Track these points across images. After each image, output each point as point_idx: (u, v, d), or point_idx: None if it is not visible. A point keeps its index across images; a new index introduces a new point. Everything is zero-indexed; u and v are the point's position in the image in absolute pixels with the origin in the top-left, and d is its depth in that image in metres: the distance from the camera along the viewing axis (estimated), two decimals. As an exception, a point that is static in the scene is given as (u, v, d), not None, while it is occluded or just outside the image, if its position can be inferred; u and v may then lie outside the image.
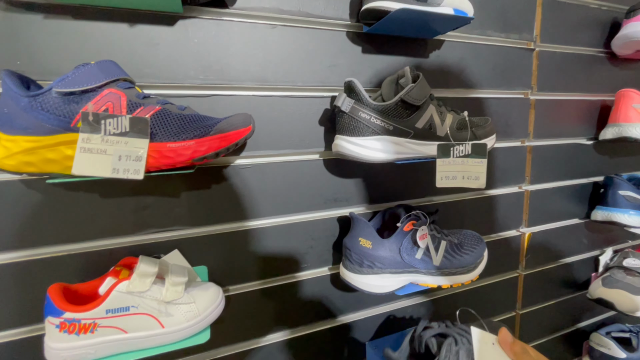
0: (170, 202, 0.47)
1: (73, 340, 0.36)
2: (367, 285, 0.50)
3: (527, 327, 0.81)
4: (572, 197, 0.81)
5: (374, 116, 0.46)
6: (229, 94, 0.48)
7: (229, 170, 0.49)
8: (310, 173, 0.54)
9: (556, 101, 0.74)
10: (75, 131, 0.33)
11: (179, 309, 0.40)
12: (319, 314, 0.59)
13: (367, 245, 0.50)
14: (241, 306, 0.52)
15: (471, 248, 0.55)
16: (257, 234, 0.52)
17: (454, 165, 0.48)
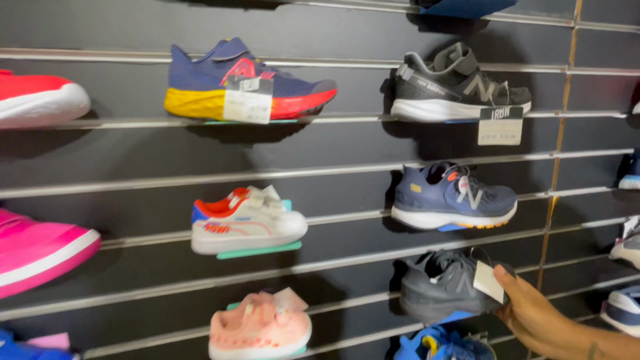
0: (267, 149, 0.61)
1: (214, 237, 0.52)
2: (416, 221, 0.63)
3: (549, 282, 0.92)
4: (602, 166, 0.89)
5: (429, 83, 0.57)
6: (311, 66, 0.61)
7: (309, 127, 0.63)
8: (370, 132, 0.67)
9: (592, 76, 0.81)
10: (223, 88, 0.47)
11: (280, 223, 0.55)
12: (371, 247, 0.73)
13: (417, 190, 0.63)
14: (314, 234, 0.67)
15: (503, 198, 0.66)
16: (328, 179, 0.66)
17: (494, 126, 0.59)
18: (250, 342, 0.57)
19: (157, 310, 0.61)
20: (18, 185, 0.51)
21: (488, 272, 0.69)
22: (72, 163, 0.53)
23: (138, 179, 0.56)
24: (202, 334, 0.64)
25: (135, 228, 0.57)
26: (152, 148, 0.55)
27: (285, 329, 0.59)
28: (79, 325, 0.58)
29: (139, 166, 0.55)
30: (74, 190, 0.53)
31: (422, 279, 0.67)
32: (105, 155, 0.54)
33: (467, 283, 0.68)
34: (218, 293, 0.64)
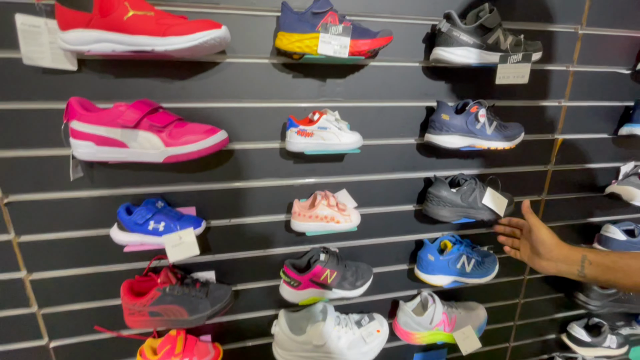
0: (336, 84, 0.84)
1: (302, 139, 0.76)
2: (444, 142, 0.85)
3: (549, 212, 1.12)
4: (605, 116, 1.05)
5: (461, 34, 0.77)
6: (372, 20, 0.81)
7: (367, 68, 0.84)
8: (412, 75, 0.87)
9: (602, 35, 0.96)
10: (318, 32, 0.69)
11: (345, 134, 0.78)
12: (406, 167, 0.95)
13: (446, 118, 0.83)
14: (364, 153, 0.90)
15: (513, 129, 0.86)
16: (378, 110, 0.88)
17: (509, 69, 0.78)
18: (320, 218, 0.82)
19: (254, 197, 0.87)
20: (174, 99, 0.76)
21: (495, 195, 0.91)
22: (208, 86, 0.77)
23: (248, 100, 0.80)
24: (285, 218, 0.90)
25: (244, 136, 0.82)
26: (259, 78, 0.79)
27: (343, 212, 0.84)
28: (203, 202, 0.85)
29: (249, 91, 0.79)
30: (207, 106, 0.78)
31: (444, 187, 0.89)
32: (229, 82, 0.78)
33: (477, 197, 0.90)
34: (294, 190, 0.89)
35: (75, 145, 0.66)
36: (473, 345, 1.00)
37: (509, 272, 1.17)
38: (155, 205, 0.76)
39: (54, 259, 0.80)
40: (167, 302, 0.77)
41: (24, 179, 0.74)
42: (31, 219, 0.77)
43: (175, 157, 0.67)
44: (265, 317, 0.98)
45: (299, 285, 0.85)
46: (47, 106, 0.71)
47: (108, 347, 0.90)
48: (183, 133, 0.69)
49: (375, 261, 1.02)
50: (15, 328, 0.83)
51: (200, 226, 0.79)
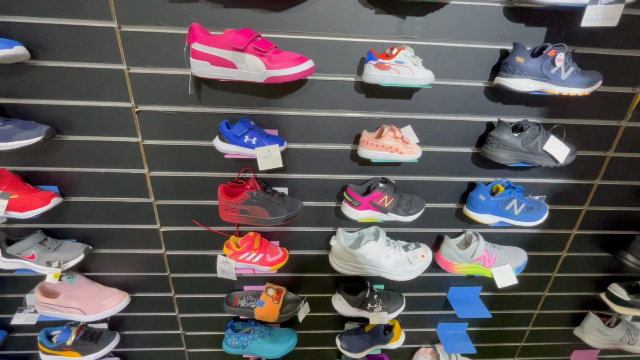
0: (414, 21, 0.88)
1: (380, 72, 0.84)
2: (515, 85, 0.87)
3: (613, 171, 1.10)
4: (701, 72, 0.98)
5: (553, -29, 0.76)
6: (460, -44, 0.82)
7: (447, 7, 0.87)
8: (492, 15, 0.88)
9: None
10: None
11: (420, 70, 0.85)
12: (471, 110, 0.99)
13: (521, 61, 0.85)
14: (433, 92, 0.96)
15: (589, 76, 0.86)
16: (451, 50, 0.92)
17: (598, 10, 0.77)
18: (385, 148, 0.92)
19: (327, 126, 0.99)
20: (270, 28, 0.87)
21: (558, 143, 0.93)
22: (296, 19, 0.86)
23: (332, 34, 0.88)
24: (351, 148, 1.02)
25: (325, 68, 0.92)
26: (344, 13, 0.86)
27: (407, 145, 0.93)
28: (284, 126, 0.98)
29: (334, 24, 0.87)
30: (296, 37, 0.88)
31: (506, 130, 0.94)
32: (316, 15, 0.86)
33: (539, 143, 0.94)
34: (363, 123, 0.99)
35: (195, 64, 0.81)
36: (509, 281, 1.10)
37: (557, 224, 1.20)
38: (249, 123, 0.91)
39: (169, 161, 1.01)
40: (254, 203, 0.95)
41: (151, 93, 0.92)
42: (154, 127, 0.96)
43: (274, 78, 0.80)
44: (325, 232, 1.15)
45: (360, 205, 0.99)
46: (172, 31, 0.85)
47: (204, 238, 1.14)
48: (280, 59, 0.80)
49: (429, 197, 1.11)
50: (136, 213, 1.08)
51: (283, 145, 0.93)
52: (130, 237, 1.12)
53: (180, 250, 1.15)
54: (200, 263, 1.17)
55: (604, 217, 1.20)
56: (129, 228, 1.11)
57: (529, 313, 1.40)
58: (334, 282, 1.25)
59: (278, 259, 1.08)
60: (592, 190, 1.15)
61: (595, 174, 1.12)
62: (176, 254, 1.16)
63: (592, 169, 1.11)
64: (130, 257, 1.16)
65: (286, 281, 1.24)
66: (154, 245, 1.14)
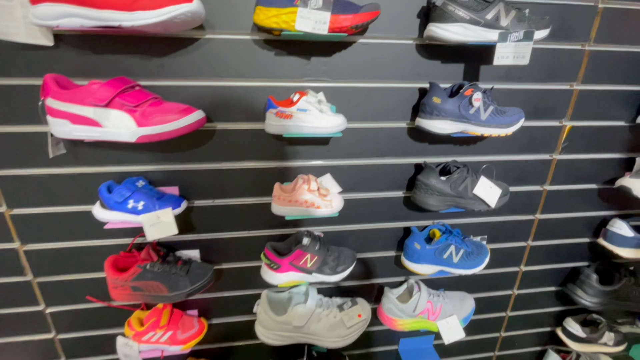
0: (321, 62, 0.79)
1: (281, 122, 0.73)
2: (434, 127, 0.80)
3: (552, 203, 1.05)
4: (623, 101, 0.96)
5: (457, 8, 0.70)
6: (361, -8, 0.75)
7: (355, 46, 0.79)
8: (405, 53, 0.82)
9: (625, 10, 0.86)
10: (296, 6, 0.64)
11: (327, 117, 0.75)
12: (396, 152, 0.91)
13: (438, 101, 0.78)
14: (352, 135, 0.87)
15: (511, 115, 0.80)
16: (367, 91, 0.83)
17: (509, 48, 0.71)
18: (300, 203, 0.80)
19: (238, 178, 0.86)
20: (153, 76, 0.74)
21: (488, 185, 0.86)
22: (187, 63, 0.75)
23: (229, 78, 0.77)
24: (269, 201, 0.89)
25: (226, 116, 0.80)
26: (240, 55, 0.76)
27: (325, 197, 0.82)
28: (186, 182, 0.85)
29: (230, 69, 0.76)
30: (187, 84, 0.76)
31: (433, 174, 0.85)
32: (208, 59, 0.75)
33: (469, 186, 0.86)
34: (278, 173, 0.88)
35: (52, 123, 0.66)
36: (456, 335, 0.99)
37: (504, 262, 1.13)
38: (136, 184, 0.77)
39: (46, 232, 0.83)
40: (148, 278, 0.79)
41: (12, 155, 0.76)
42: (21, 194, 0.79)
43: (148, 137, 0.66)
44: (251, 295, 1.00)
45: (279, 268, 0.85)
46: (27, 82, 0.71)
47: (102, 315, 0.95)
48: (156, 112, 0.68)
49: (362, 247, 1.01)
50: (13, 295, 0.88)
51: (180, 206, 0.79)
52: (12, 323, 0.92)
53: (75, 332, 0.96)
54: (102, 344, 0.98)
55: (549, 251, 1.14)
56: (7, 313, 0.90)
57: (487, 357, 1.30)
58: (268, 350, 1.09)
59: (192, 334, 0.91)
60: (534, 225, 1.09)
61: (535, 208, 1.06)
62: (70, 337, 0.96)
63: (531, 203, 1.05)
64: (16, 346, 0.95)
65: (212, 354, 1.07)
66: (41, 330, 0.94)
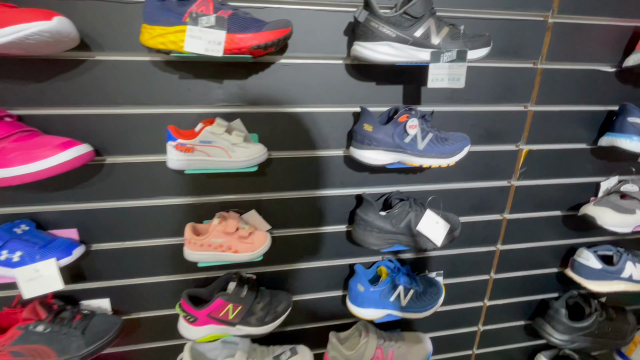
0: (235, 85, 0.69)
1: (181, 156, 0.62)
2: (366, 158, 0.70)
3: (512, 233, 0.96)
4: (582, 122, 0.88)
5: (381, 25, 0.61)
6: (276, 7, 0.66)
7: (275, 67, 0.69)
8: (335, 74, 0.72)
9: (577, 25, 0.78)
10: (185, 24, 0.55)
11: (239, 149, 0.64)
12: (333, 183, 0.81)
13: (369, 129, 0.68)
14: (280, 166, 0.76)
15: (453, 142, 0.71)
16: (294, 117, 0.73)
17: (442, 69, 0.62)
18: (213, 247, 0.69)
19: (150, 217, 0.75)
20: (31, 104, 0.63)
21: (434, 219, 0.76)
22: (73, 88, 0.64)
23: (123, 105, 0.66)
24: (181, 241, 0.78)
25: (126, 148, 0.69)
26: (135, 79, 0.65)
27: (245, 240, 0.71)
28: (87, 223, 0.73)
29: (124, 94, 0.66)
30: (74, 112, 0.65)
31: (372, 210, 0.75)
32: (99, 83, 0.64)
33: (412, 222, 0.76)
34: (198, 209, 0.76)
35: None
36: (409, 387, 0.88)
37: (466, 296, 1.03)
38: (13, 231, 0.65)
39: None
40: (32, 341, 0.67)
41: None
42: None
43: (7, 180, 0.55)
44: (173, 346, 0.88)
45: (196, 320, 0.74)
46: None
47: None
48: (19, 150, 0.56)
49: (304, 287, 0.90)
50: None
51: (71, 254, 0.67)
52: None
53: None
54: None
55: (515, 283, 1.04)
56: None
57: (455, 399, 1.19)
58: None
59: (99, 398, 0.78)
60: (496, 256, 0.99)
61: (495, 238, 0.97)
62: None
63: (491, 233, 0.96)
64: None
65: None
66: None
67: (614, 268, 0.94)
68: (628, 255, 0.96)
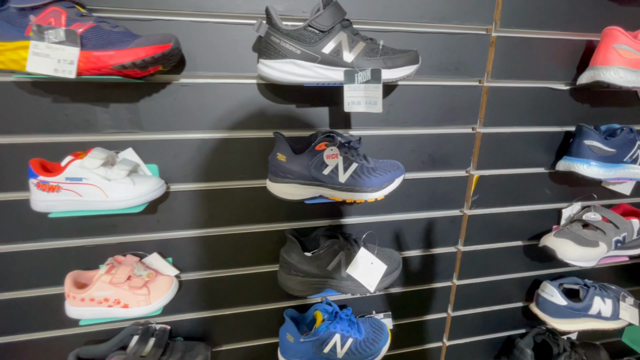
0: (125, 109, 0.59)
1: (45, 196, 0.51)
2: (280, 192, 0.60)
3: (469, 265, 0.86)
4: (538, 145, 0.80)
5: (283, 40, 0.52)
6: (169, 19, 0.56)
7: (171, 87, 0.59)
8: (245, 95, 0.62)
9: (524, 39, 0.70)
10: (28, 39, 0.44)
11: (121, 186, 0.54)
12: (255, 218, 0.70)
13: (282, 159, 0.59)
14: (189, 200, 0.66)
15: (382, 173, 0.61)
16: (201, 144, 0.63)
17: (358, 91, 0.53)
18: (98, 301, 0.58)
19: (27, 264, 0.63)
20: None
21: (369, 260, 0.66)
22: None
23: (-16, 134, 0.56)
24: (74, 290, 0.66)
25: (-9, 184, 0.58)
26: (-6, 103, 0.55)
27: (137, 291, 0.59)
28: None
29: (-16, 121, 0.55)
30: None
31: (295, 250, 0.65)
32: (-53, 109, 0.54)
33: (342, 263, 0.66)
34: (88, 254, 0.65)
35: None
36: None
37: (423, 338, 0.92)
38: None
39: None
40: None
41: None
42: None
43: None
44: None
45: (82, 389, 0.61)
46: None
47: None
48: None
49: (230, 336, 0.78)
50: None
51: None
52: None
53: None
54: None
55: (476, 320, 0.94)
56: None
57: None
58: None
59: None
60: (452, 292, 0.89)
61: (450, 273, 0.87)
62: None
63: (445, 268, 0.86)
64: None
65: None
66: None
67: (581, 305, 0.85)
68: (595, 289, 0.87)
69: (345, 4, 0.56)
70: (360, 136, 0.65)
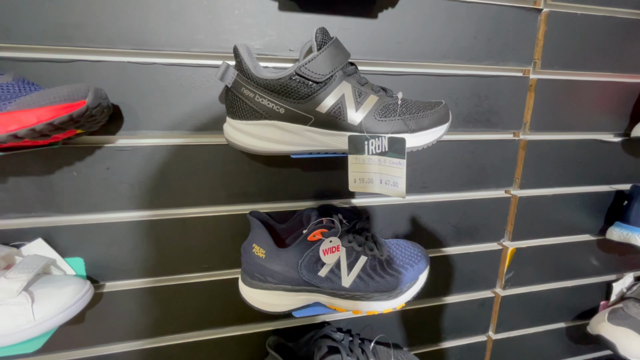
0: (35, 183, 0.41)
1: None
2: (257, 302, 0.42)
3: (501, 355, 0.69)
4: (584, 208, 0.64)
5: (259, 94, 0.35)
6: (96, 60, 0.39)
7: (103, 152, 0.42)
8: (210, 160, 0.45)
9: (569, 82, 0.56)
10: None
11: (8, 310, 0.35)
12: (227, 319, 0.52)
13: (260, 255, 0.41)
14: (121, 305, 0.47)
15: (401, 267, 0.44)
16: (147, 226, 0.45)
17: (370, 164, 0.36)
18: None
19: None
20: None
21: None
22: None
23: None
24: None
25: None
26: None
27: None
28: None
29: None
30: None
31: (276, 375, 0.46)
32: None
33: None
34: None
35: None
36: None
37: None
38: None
39: None
40: None
41: None
42: None
43: None
44: None
45: None
46: None
47: None
48: None
49: None
50: None
51: None
52: None
53: None
54: None
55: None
56: None
57: None
58: None
59: None
60: (482, 389, 0.70)
61: None
62: None
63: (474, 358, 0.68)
64: None
65: None
66: None
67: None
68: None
69: (347, 42, 0.40)
70: (368, 212, 0.48)
